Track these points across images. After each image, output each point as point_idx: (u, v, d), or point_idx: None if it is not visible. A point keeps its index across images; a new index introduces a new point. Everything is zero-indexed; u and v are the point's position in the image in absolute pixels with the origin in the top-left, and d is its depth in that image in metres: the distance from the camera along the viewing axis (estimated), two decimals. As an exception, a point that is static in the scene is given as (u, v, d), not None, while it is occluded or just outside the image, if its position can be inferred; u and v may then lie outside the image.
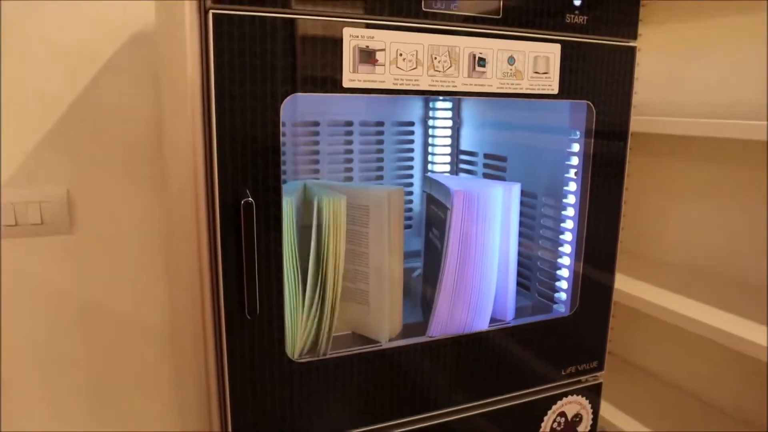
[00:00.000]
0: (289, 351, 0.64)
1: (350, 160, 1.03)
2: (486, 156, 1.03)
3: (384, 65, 0.61)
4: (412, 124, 1.09)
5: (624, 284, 1.05)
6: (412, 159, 1.10)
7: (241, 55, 0.56)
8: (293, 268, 0.71)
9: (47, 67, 0.99)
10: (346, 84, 0.60)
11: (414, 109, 1.09)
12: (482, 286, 0.81)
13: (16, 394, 1.07)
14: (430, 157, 1.10)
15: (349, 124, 1.02)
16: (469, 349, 0.75)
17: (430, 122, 1.09)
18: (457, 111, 1.09)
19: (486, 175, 1.02)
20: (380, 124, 1.05)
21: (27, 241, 1.02)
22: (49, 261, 1.04)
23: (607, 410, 1.09)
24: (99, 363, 1.12)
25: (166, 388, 1.18)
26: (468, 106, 1.08)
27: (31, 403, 1.08)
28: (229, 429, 0.62)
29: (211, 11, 0.54)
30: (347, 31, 0.59)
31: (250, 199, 0.56)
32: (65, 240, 1.05)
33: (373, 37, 0.60)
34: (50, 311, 1.06)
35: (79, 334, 1.09)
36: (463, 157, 1.09)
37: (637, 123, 1.06)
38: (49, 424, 1.10)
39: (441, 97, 1.07)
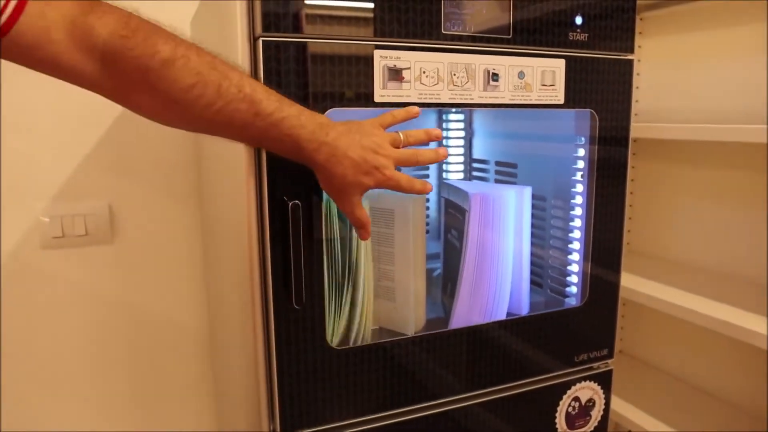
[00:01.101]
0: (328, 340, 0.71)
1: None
2: (497, 163, 1.10)
3: (410, 82, 0.69)
4: (427, 135, 1.16)
5: (634, 283, 1.11)
6: (427, 168, 1.18)
7: (286, 75, 0.64)
8: (331, 265, 0.78)
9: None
10: (377, 99, 0.68)
11: (429, 121, 1.17)
12: (498, 282, 0.88)
13: (63, 395, 1.14)
14: (444, 166, 1.18)
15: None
16: (489, 338, 0.82)
17: (444, 133, 1.17)
18: (469, 122, 1.17)
19: (498, 181, 1.10)
20: (398, 136, 1.13)
21: (72, 251, 1.10)
22: (92, 269, 1.12)
23: (620, 405, 1.15)
24: (139, 365, 1.19)
25: (205, 390, 1.25)
26: (479, 118, 1.16)
27: (77, 403, 1.15)
28: (277, 408, 0.69)
29: (260, 39, 0.62)
30: (377, 53, 0.67)
31: (297, 201, 0.64)
32: (107, 249, 1.13)
33: (399, 58, 0.68)
34: (93, 316, 1.14)
35: (120, 337, 1.16)
36: (475, 164, 1.17)
37: (644, 129, 1.14)
38: (93, 423, 1.17)
39: (454, 110, 1.15)
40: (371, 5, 0.67)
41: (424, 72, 0.70)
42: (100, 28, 0.50)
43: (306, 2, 0.63)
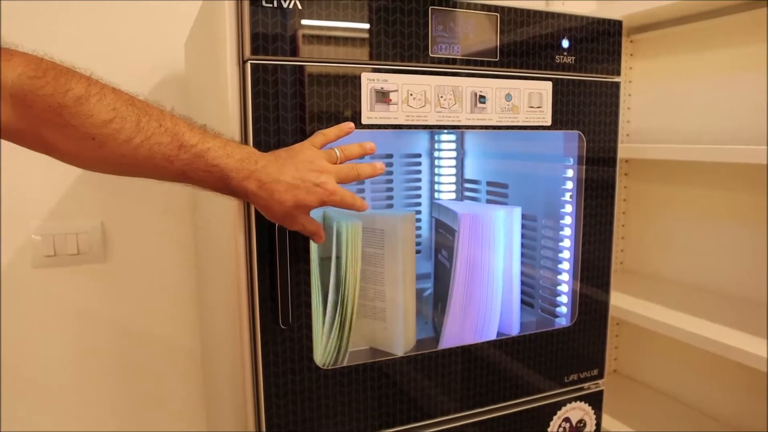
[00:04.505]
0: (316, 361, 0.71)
1: (362, 190, 1.11)
2: (489, 183, 1.11)
3: (397, 104, 0.70)
4: (419, 156, 1.17)
5: (629, 303, 1.11)
6: (419, 188, 1.19)
7: (274, 97, 0.64)
8: (317, 286, 0.78)
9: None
10: (364, 121, 0.69)
11: (421, 142, 1.18)
12: (488, 302, 0.88)
13: (54, 414, 1.13)
14: (436, 186, 1.19)
15: (361, 156, 1.10)
16: (479, 358, 0.82)
17: (436, 154, 1.18)
18: (460, 143, 1.18)
19: (489, 201, 1.11)
20: (389, 156, 1.14)
21: (65, 270, 1.10)
22: (84, 288, 1.12)
23: (615, 426, 1.14)
24: (131, 384, 1.18)
25: (196, 408, 1.24)
26: (470, 139, 1.17)
27: (68, 421, 1.14)
28: (263, 427, 0.68)
29: (249, 61, 0.63)
30: (365, 76, 0.68)
31: (283, 221, 0.64)
32: (100, 268, 1.13)
33: (387, 80, 0.69)
34: (85, 335, 1.13)
35: (113, 357, 1.16)
36: (467, 185, 1.18)
37: (638, 150, 1.15)
38: (82, 444, 1.16)
39: (446, 131, 1.16)
40: (359, 29, 0.68)
41: (411, 94, 0.71)
42: (8, 70, 0.50)
43: (294, 26, 0.64)
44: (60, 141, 0.53)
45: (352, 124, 0.68)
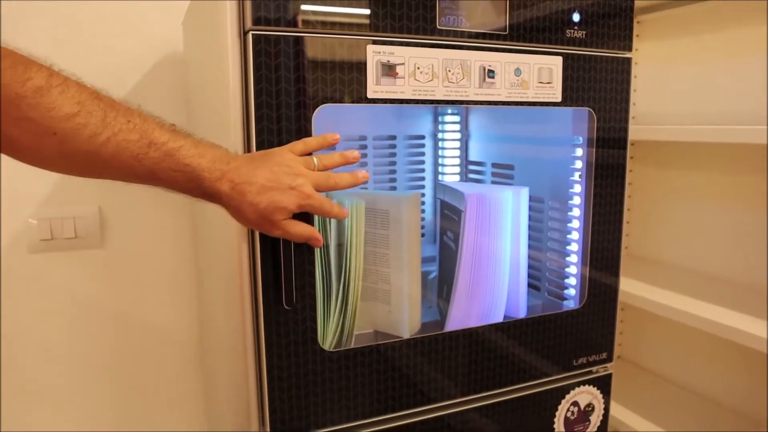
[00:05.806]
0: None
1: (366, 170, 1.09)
2: (494, 165, 1.09)
3: (404, 78, 0.68)
4: (422, 137, 1.15)
5: (632, 287, 1.10)
6: (423, 170, 1.16)
7: (276, 70, 0.62)
8: (321, 266, 0.76)
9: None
10: (370, 95, 0.67)
11: (424, 123, 1.15)
12: (495, 284, 0.86)
13: (50, 399, 1.11)
14: (440, 168, 1.17)
15: (363, 138, 1.08)
16: (485, 341, 0.80)
17: (440, 135, 1.16)
18: (465, 124, 1.16)
19: (494, 183, 1.08)
20: (392, 138, 1.12)
21: (61, 254, 1.08)
22: (81, 273, 1.10)
23: (619, 411, 1.13)
24: (127, 371, 1.16)
25: (194, 395, 1.23)
26: (475, 119, 1.14)
27: (63, 408, 1.13)
28: (266, 411, 0.67)
29: (250, 32, 0.61)
30: (370, 48, 0.66)
31: (287, 198, 0.62)
32: (97, 253, 1.11)
33: (393, 53, 0.67)
34: (82, 320, 1.11)
35: (108, 343, 1.14)
36: (471, 167, 1.15)
37: (642, 132, 1.12)
38: (79, 429, 1.14)
39: (450, 111, 1.13)
40: None
41: (418, 68, 0.68)
42: None
43: (297, -5, 0.62)
44: (17, 136, 0.49)
45: (337, 136, 0.65)
